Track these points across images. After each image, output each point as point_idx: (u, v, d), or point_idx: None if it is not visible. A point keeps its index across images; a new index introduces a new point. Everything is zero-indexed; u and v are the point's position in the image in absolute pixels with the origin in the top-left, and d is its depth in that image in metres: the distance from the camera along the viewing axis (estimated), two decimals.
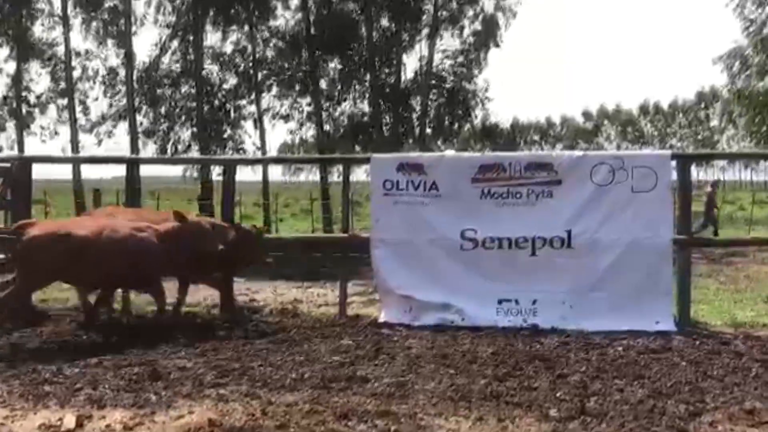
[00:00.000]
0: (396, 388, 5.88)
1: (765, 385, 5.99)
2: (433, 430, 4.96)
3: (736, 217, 31.38)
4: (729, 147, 73.03)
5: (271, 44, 25.79)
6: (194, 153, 24.93)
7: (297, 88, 25.53)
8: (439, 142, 28.01)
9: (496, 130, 30.03)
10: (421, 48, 25.60)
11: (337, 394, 5.74)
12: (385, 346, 7.43)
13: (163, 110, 25.74)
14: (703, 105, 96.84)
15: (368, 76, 24.93)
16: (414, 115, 25.71)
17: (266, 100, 26.13)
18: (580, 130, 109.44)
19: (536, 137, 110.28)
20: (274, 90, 26.09)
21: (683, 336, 7.80)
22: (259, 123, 25.53)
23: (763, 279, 8.80)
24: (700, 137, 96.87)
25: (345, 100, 25.53)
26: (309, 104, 25.64)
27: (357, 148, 25.04)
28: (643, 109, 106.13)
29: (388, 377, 6.21)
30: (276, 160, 16.09)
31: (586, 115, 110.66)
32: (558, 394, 5.74)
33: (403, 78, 25.30)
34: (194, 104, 25.11)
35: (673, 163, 8.61)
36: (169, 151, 25.37)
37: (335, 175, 26.20)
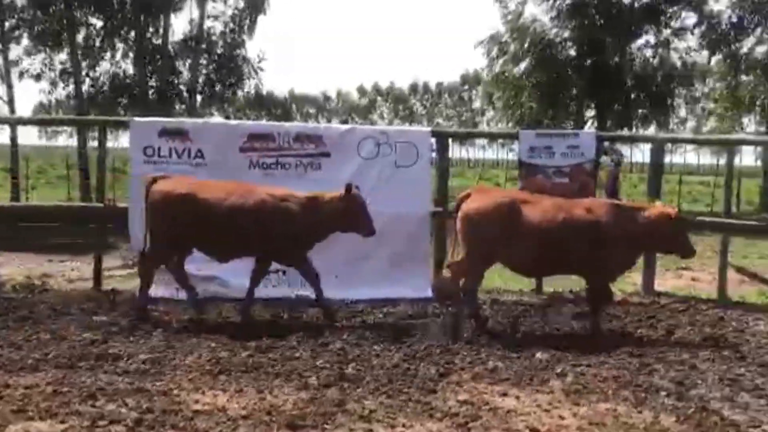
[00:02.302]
0: (151, 365, 5.66)
1: (507, 345, 6.50)
2: (189, 406, 4.82)
3: None
4: (489, 127, 78.54)
5: None
6: None
7: (50, 42, 23.41)
8: (213, 110, 27.27)
9: (269, 99, 29.79)
10: (191, 10, 24.62)
11: (85, 374, 5.40)
12: (143, 321, 7.09)
13: None
14: (466, 87, 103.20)
15: (133, 35, 23.51)
16: (183, 80, 24.72)
17: (15, 52, 23.78)
18: (355, 106, 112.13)
19: (312, 110, 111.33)
20: (25, 42, 23.79)
21: (438, 302, 8.23)
22: (6, 78, 23.12)
23: None
24: (464, 117, 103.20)
25: (104, 59, 23.87)
26: (63, 63, 23.66)
27: (123, 112, 23.62)
28: (414, 88, 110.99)
29: (143, 353, 5.95)
30: (24, 121, 14.58)
31: (361, 91, 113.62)
32: (318, 363, 5.83)
33: (171, 40, 24.18)
34: None
35: (434, 140, 9.04)
36: None
37: (96, 141, 24.48)
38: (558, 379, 5.59)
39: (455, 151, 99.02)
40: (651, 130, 27.21)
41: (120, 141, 43.64)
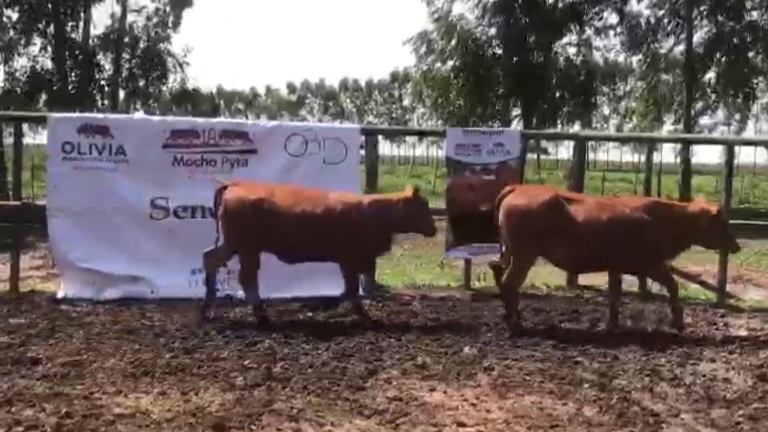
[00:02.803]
0: (71, 368, 5.46)
1: (435, 341, 6.54)
2: (110, 409, 4.68)
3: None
4: (419, 125, 79.08)
5: None
6: None
7: None
8: (138, 105, 26.65)
9: (196, 95, 29.27)
10: (112, 4, 23.99)
11: (1, 379, 5.17)
12: (63, 323, 6.87)
13: None
14: (396, 84, 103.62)
15: (51, 29, 22.72)
16: (105, 75, 24.05)
17: None
18: (284, 102, 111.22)
19: (241, 106, 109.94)
20: None
21: (369, 299, 8.22)
22: None
23: (442, 244, 9.65)
24: (394, 115, 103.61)
25: (21, 55, 23.03)
26: None
27: (45, 108, 22.82)
28: (344, 85, 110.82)
29: (63, 357, 5.74)
30: None
31: (291, 87, 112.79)
32: (246, 362, 5.74)
33: (92, 34, 23.49)
34: None
35: (363, 137, 9.02)
36: None
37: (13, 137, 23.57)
38: (485, 374, 5.65)
39: (386, 149, 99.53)
40: (576, 128, 27.89)
41: (39, 137, 42.18)
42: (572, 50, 26.94)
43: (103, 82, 23.84)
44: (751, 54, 28.68)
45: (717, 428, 4.69)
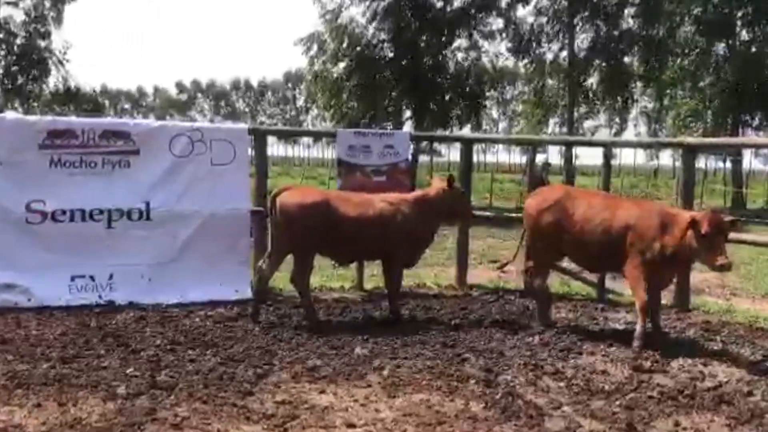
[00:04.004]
0: None
1: (326, 343, 6.52)
2: None
3: None
4: (314, 125, 78.88)
5: None
6: None
7: None
8: (16, 104, 25.32)
9: (78, 94, 28.08)
10: None
11: None
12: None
13: None
14: (290, 85, 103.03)
15: None
16: None
17: None
18: (173, 102, 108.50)
19: (127, 105, 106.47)
20: None
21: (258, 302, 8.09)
22: None
23: None
24: (288, 116, 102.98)
25: None
26: None
27: None
28: (235, 85, 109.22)
29: None
30: None
31: (180, 86, 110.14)
32: (129, 371, 5.54)
33: None
34: None
35: (251, 137, 8.90)
36: None
37: None
38: (375, 373, 5.68)
39: (280, 150, 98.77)
40: (467, 131, 28.53)
41: None
42: (461, 55, 27.56)
43: None
44: (627, 60, 30.22)
45: (596, 419, 4.89)
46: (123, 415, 4.63)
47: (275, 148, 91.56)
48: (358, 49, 25.52)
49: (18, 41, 23.25)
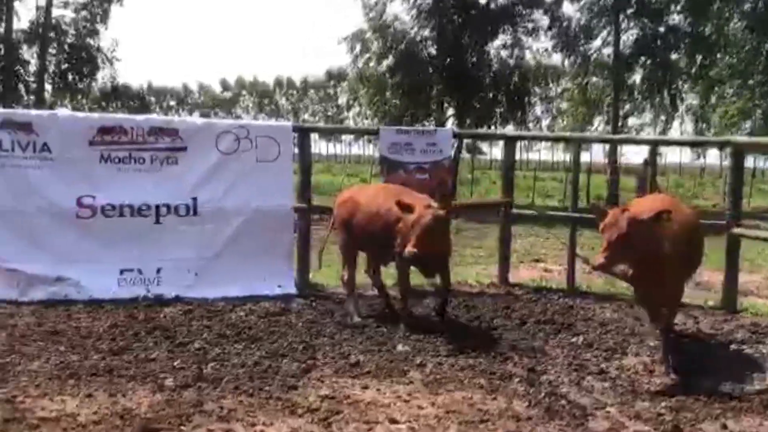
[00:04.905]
0: None
1: (368, 339, 6.57)
2: (34, 413, 4.56)
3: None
4: (356, 123, 79.12)
5: None
6: None
7: None
8: (66, 101, 25.92)
9: (126, 91, 28.63)
10: None
11: None
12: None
13: None
14: (332, 83, 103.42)
15: None
16: (30, 70, 23.30)
17: None
18: (218, 99, 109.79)
19: (173, 103, 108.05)
20: None
21: (302, 298, 8.19)
22: None
23: None
24: (330, 113, 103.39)
25: None
26: None
27: None
28: (278, 83, 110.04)
29: None
30: None
31: (224, 84, 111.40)
32: (176, 363, 5.66)
33: (16, 27, 22.71)
34: None
35: (295, 135, 8.98)
36: None
37: None
38: (417, 370, 5.70)
39: (322, 147, 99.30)
40: (510, 128, 28.34)
41: None
42: (505, 52, 27.37)
43: (28, 78, 23.06)
44: (674, 56, 29.68)
45: (641, 420, 4.84)
46: (171, 406, 4.73)
47: (316, 145, 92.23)
48: (401, 47, 25.52)
49: (68, 40, 23.77)
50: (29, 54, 23.28)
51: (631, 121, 35.10)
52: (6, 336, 6.30)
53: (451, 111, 27.64)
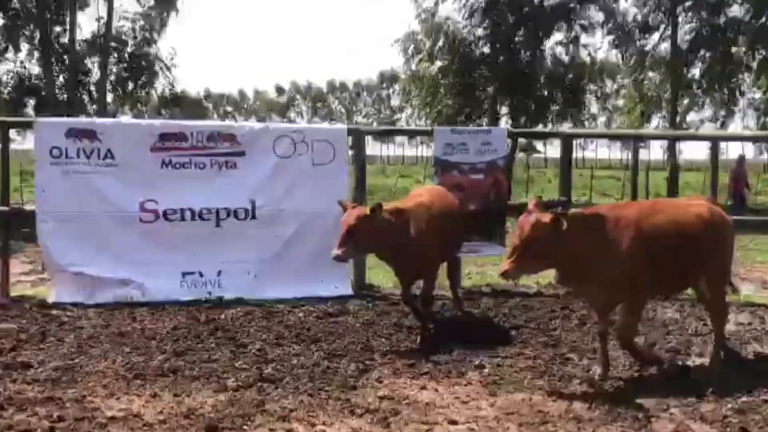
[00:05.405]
0: (63, 372, 5.47)
1: (424, 339, 6.57)
2: (103, 412, 4.69)
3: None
4: (408, 125, 79.19)
5: None
6: None
7: None
8: (126, 109, 26.61)
9: (183, 98, 29.25)
10: (98, 8, 23.92)
11: None
12: (53, 328, 6.87)
13: None
14: (384, 85, 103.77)
15: (38, 34, 22.65)
16: (92, 79, 23.99)
17: None
18: (273, 104, 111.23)
19: (229, 109, 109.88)
20: None
21: (359, 299, 8.24)
22: None
23: None
24: (382, 115, 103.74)
25: (5, 59, 22.97)
26: None
27: (31, 113, 22.78)
28: (331, 86, 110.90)
29: (54, 361, 5.75)
30: None
31: (279, 89, 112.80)
32: (237, 364, 5.77)
33: (78, 38, 23.42)
34: None
35: (350, 137, 9.05)
36: None
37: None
38: (475, 371, 5.69)
39: (375, 149, 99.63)
40: (565, 127, 27.99)
41: (28, 142, 42.10)
42: (559, 49, 27.06)
43: (91, 87, 23.78)
44: (734, 49, 28.88)
45: (706, 422, 4.74)
46: (233, 406, 4.82)
47: (370, 147, 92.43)
48: (454, 47, 25.46)
49: (128, 50, 24.43)
50: (91, 64, 23.99)
51: (691, 116, 34.29)
52: (74, 338, 6.50)
53: (504, 110, 27.44)
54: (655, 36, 29.27)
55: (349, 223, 6.12)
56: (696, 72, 30.31)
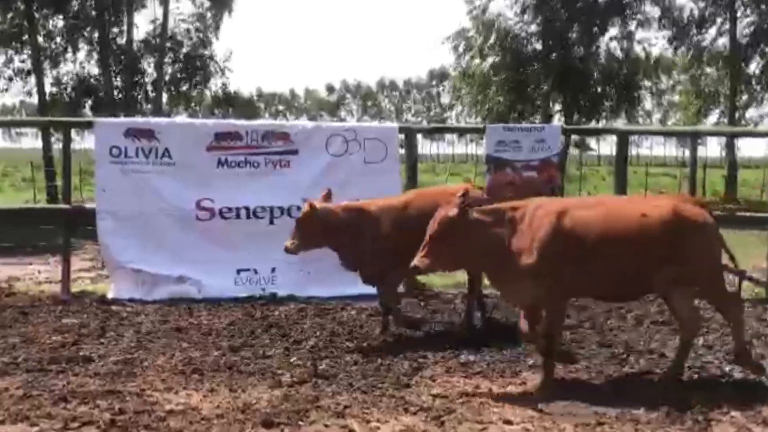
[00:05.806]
0: (123, 366, 5.61)
1: (477, 338, 6.52)
2: (162, 406, 4.79)
3: None
4: (458, 122, 78.84)
5: None
6: None
7: (13, 43, 23.05)
8: (180, 109, 27.10)
9: (237, 98, 29.65)
10: (155, 9, 24.41)
11: (57, 377, 5.34)
12: (113, 323, 7.05)
13: None
14: (434, 83, 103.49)
15: (96, 35, 23.22)
16: (148, 79, 24.49)
17: None
18: (323, 103, 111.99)
19: (281, 108, 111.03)
20: None
21: (410, 297, 8.24)
22: None
23: None
24: (432, 113, 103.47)
25: (65, 60, 23.58)
26: (23, 61, 23.31)
27: (90, 113, 23.37)
28: (381, 85, 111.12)
29: (114, 355, 5.90)
30: None
31: (329, 88, 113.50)
32: (292, 360, 5.83)
33: (135, 39, 23.94)
34: None
35: (402, 135, 9.05)
36: None
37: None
38: (529, 371, 5.64)
39: (425, 147, 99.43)
40: (619, 123, 27.50)
41: (87, 142, 43.21)
42: (613, 44, 26.60)
43: (147, 87, 24.29)
44: None
45: None
46: (289, 401, 4.87)
47: (420, 145, 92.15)
48: (506, 43, 25.24)
49: (183, 50, 24.87)
50: (147, 64, 24.51)
51: (750, 112, 33.34)
52: (133, 333, 6.66)
53: (557, 107, 27.10)
54: (713, 30, 28.59)
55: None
56: (755, 67, 29.50)
